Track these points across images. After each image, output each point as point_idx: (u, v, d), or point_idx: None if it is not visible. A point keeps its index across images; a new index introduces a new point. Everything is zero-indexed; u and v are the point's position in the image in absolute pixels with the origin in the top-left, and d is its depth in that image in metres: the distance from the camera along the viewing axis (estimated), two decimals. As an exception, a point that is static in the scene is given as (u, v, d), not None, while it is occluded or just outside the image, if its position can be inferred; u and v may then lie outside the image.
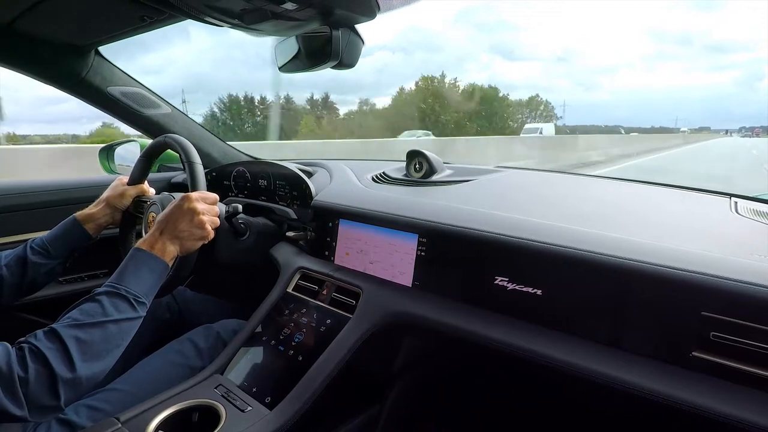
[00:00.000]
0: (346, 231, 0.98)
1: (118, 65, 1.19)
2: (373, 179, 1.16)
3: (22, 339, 0.57)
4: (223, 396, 0.77)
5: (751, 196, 0.92)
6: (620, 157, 16.07)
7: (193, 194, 0.79)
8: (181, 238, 0.75)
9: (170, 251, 0.73)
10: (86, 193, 1.20)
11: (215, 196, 0.83)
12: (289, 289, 0.99)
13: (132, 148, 1.51)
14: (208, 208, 0.80)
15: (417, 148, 1.15)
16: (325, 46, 0.70)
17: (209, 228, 0.78)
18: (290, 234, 1.10)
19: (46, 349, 0.56)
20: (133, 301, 0.65)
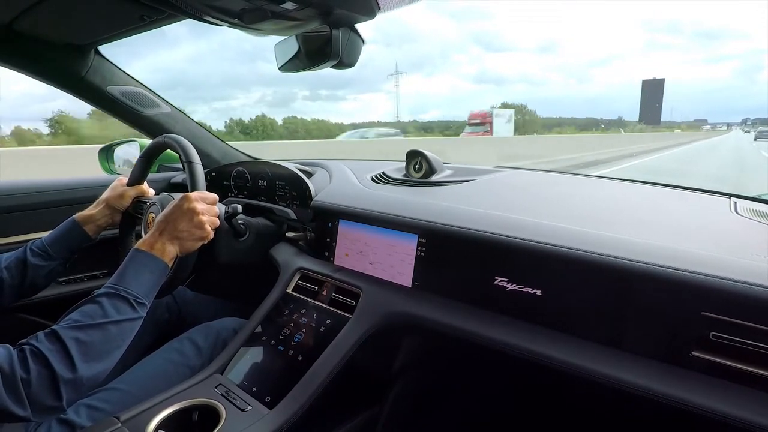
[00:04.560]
0: (345, 231, 0.98)
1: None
2: (372, 179, 1.16)
3: (23, 341, 0.58)
4: (222, 395, 0.77)
5: (750, 196, 0.92)
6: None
7: (193, 194, 0.79)
8: (180, 239, 0.75)
9: (170, 251, 0.73)
10: (86, 194, 1.20)
11: (215, 197, 0.83)
12: (289, 290, 0.99)
13: (131, 148, 1.51)
14: (208, 208, 0.80)
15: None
16: (324, 45, 0.70)
17: (209, 228, 0.78)
18: (290, 234, 1.10)
19: (47, 351, 0.56)
20: (134, 302, 0.65)
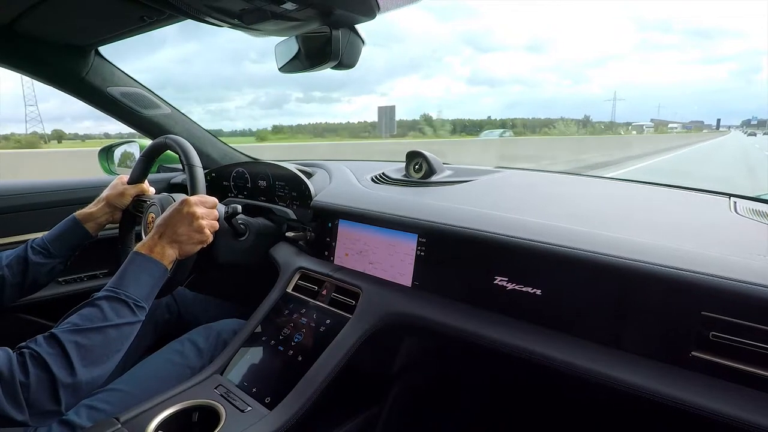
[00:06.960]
0: (345, 231, 0.98)
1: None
2: (372, 180, 1.16)
3: (22, 344, 0.58)
4: (222, 396, 0.77)
5: (750, 196, 0.92)
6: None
7: (193, 198, 0.79)
8: (180, 242, 0.75)
9: (169, 255, 0.73)
10: (86, 194, 1.20)
11: (214, 200, 0.83)
12: (289, 290, 0.99)
13: (131, 148, 1.51)
14: (207, 212, 0.80)
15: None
16: (325, 46, 0.70)
17: (208, 232, 0.79)
18: (290, 234, 1.10)
19: (46, 355, 0.56)
20: (133, 306, 0.65)
